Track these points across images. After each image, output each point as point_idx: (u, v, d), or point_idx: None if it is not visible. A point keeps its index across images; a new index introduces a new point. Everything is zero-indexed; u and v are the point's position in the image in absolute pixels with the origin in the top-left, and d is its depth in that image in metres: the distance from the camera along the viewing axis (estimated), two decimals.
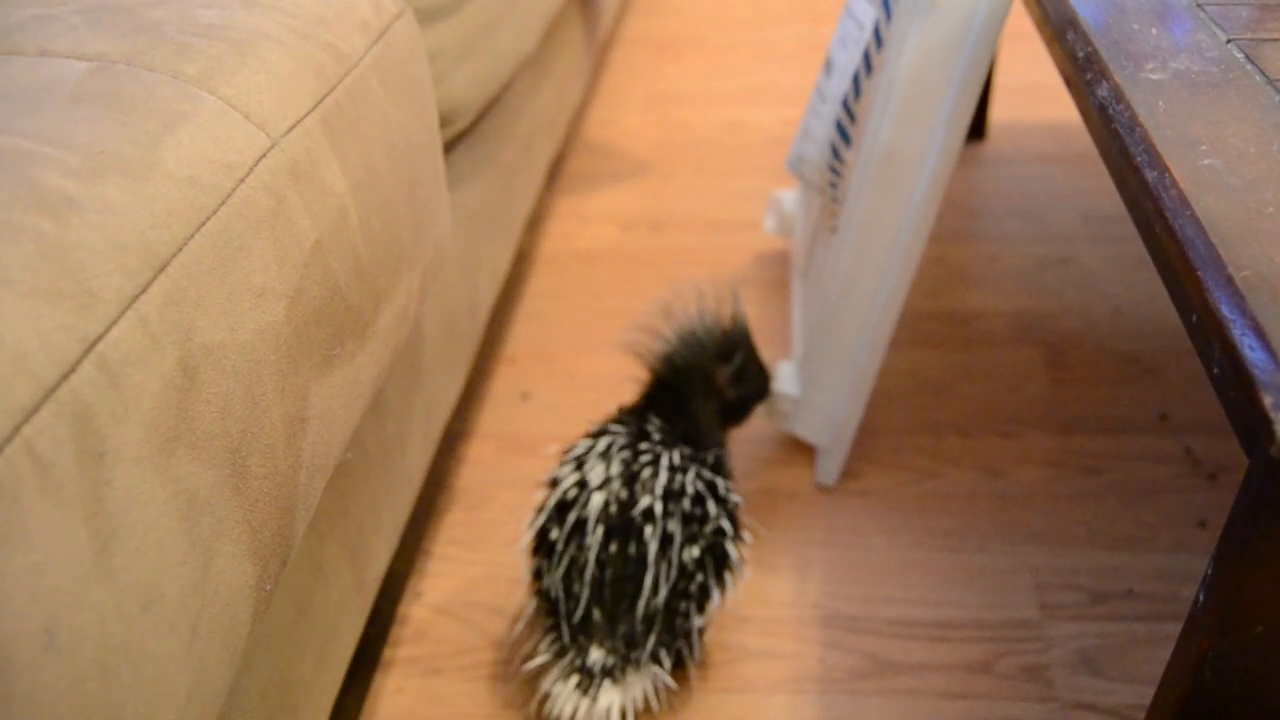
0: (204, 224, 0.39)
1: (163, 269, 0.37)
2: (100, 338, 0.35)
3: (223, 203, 0.40)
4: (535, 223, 1.26)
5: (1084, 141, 1.33)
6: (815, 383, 0.85)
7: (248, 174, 0.42)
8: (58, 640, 0.31)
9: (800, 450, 0.90)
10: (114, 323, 0.35)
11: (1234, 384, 0.45)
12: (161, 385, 0.36)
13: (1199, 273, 0.43)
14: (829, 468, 0.86)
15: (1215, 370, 0.47)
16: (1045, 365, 0.99)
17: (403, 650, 0.77)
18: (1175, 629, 0.61)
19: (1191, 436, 0.90)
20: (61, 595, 0.32)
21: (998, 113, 1.42)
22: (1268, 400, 0.39)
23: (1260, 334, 0.41)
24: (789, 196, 1.12)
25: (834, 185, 0.87)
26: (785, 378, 0.88)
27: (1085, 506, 0.84)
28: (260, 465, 0.40)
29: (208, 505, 0.37)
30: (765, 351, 1.02)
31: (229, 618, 0.38)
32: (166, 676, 0.35)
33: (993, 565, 0.80)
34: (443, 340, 0.75)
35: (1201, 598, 0.49)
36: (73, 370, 0.33)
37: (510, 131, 0.93)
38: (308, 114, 0.46)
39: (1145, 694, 0.69)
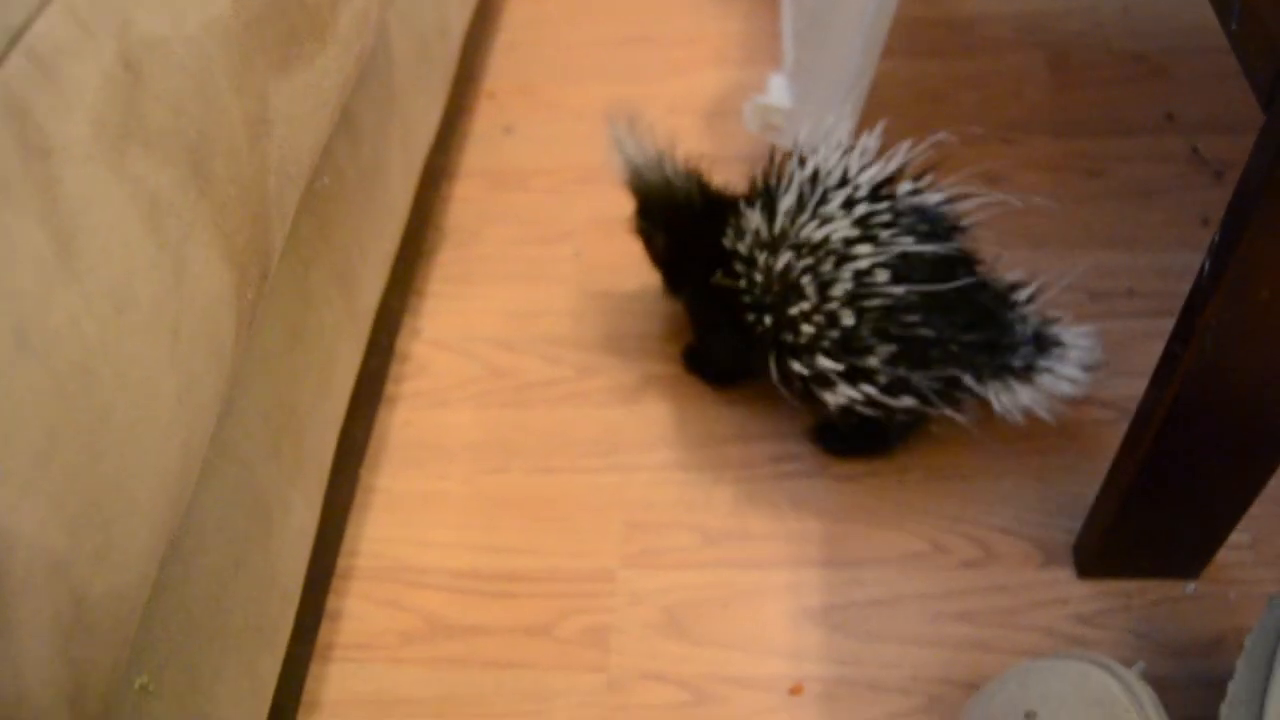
0: None
1: None
2: (25, 28, 0.32)
3: None
4: None
5: None
6: (807, 95, 0.81)
7: None
8: (30, 341, 0.30)
9: None
10: (38, 12, 0.33)
11: (1252, 37, 0.42)
12: (102, 80, 0.34)
13: None
14: None
15: (1233, 26, 0.44)
16: (1048, 69, 0.94)
17: (406, 385, 0.78)
18: None
19: (1198, 135, 0.87)
20: (27, 297, 0.30)
21: None
22: None
23: None
24: None
25: None
26: (776, 90, 0.84)
27: (1087, 208, 0.83)
28: (224, 168, 0.38)
29: (172, 207, 0.35)
30: (755, 66, 0.97)
31: (211, 324, 0.37)
32: (151, 380, 0.34)
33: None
34: (414, 62, 0.71)
35: (1207, 266, 0.48)
36: None
37: None
38: None
39: (1142, 386, 0.70)
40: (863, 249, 0.61)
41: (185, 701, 0.44)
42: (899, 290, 0.60)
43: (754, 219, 0.64)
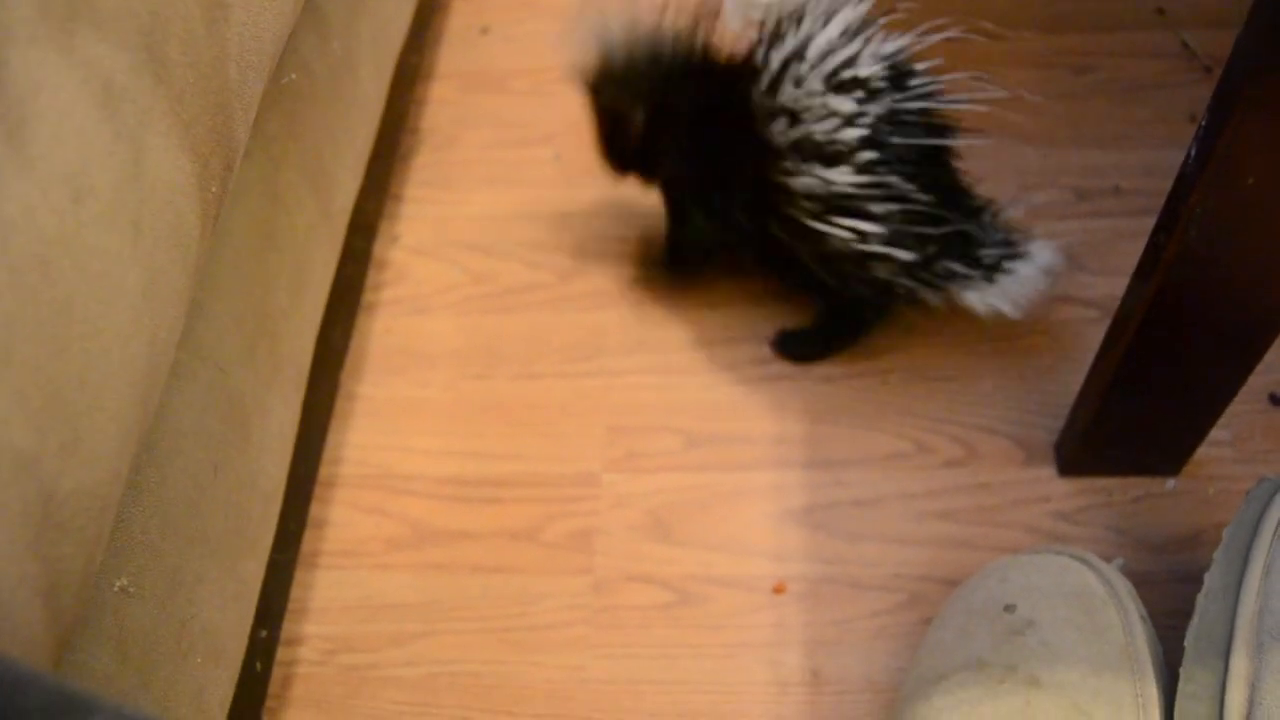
0: None
1: None
2: None
3: None
4: None
5: None
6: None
7: None
8: None
9: None
10: None
11: None
12: None
13: None
14: None
15: None
16: None
17: (385, 293, 0.76)
18: None
19: (1189, 30, 0.85)
20: None
21: None
22: None
23: None
24: None
25: None
26: None
27: (1074, 105, 0.81)
28: (180, 53, 0.36)
29: (126, 92, 0.34)
30: None
31: (174, 216, 0.36)
32: (113, 272, 0.33)
33: (975, 167, 0.78)
34: None
35: (1193, 153, 0.47)
36: None
37: None
38: None
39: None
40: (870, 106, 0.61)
41: (166, 604, 0.44)
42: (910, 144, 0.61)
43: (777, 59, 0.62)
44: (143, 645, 0.42)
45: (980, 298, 0.64)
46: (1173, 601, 0.57)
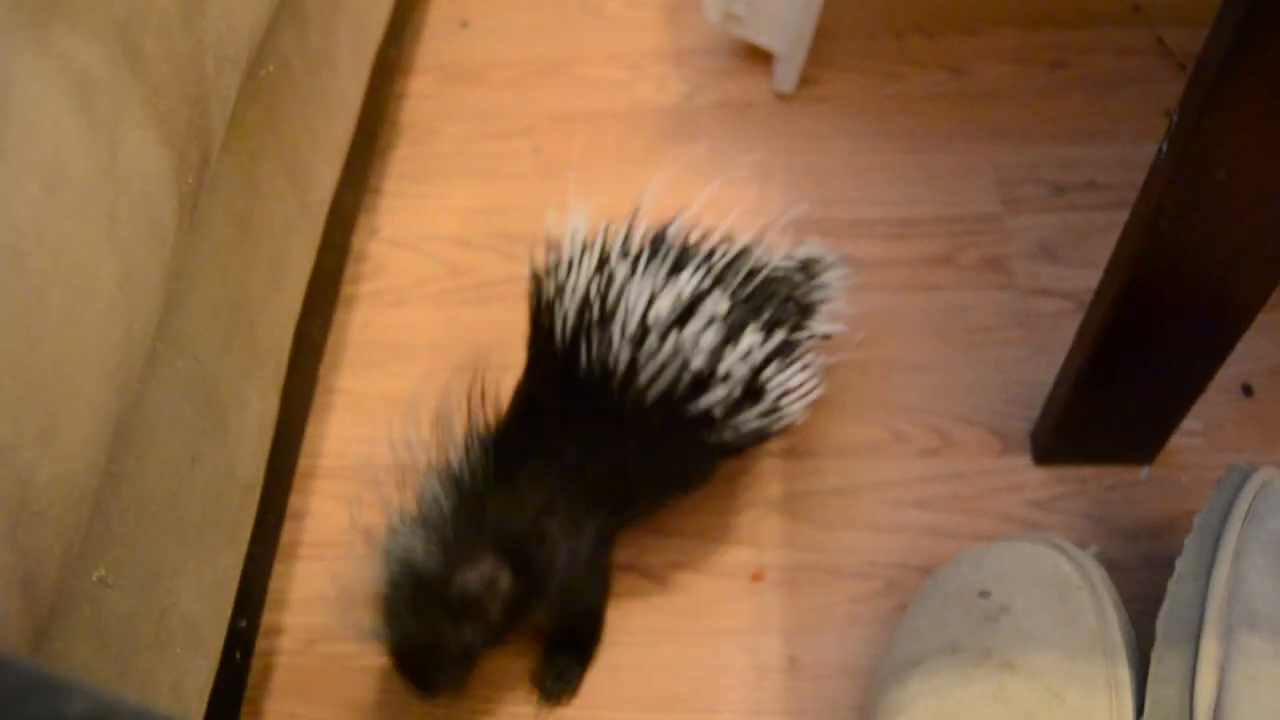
0: None
1: None
2: None
3: None
4: None
5: None
6: None
7: None
8: None
9: (757, 58, 0.86)
10: None
11: None
12: None
13: None
14: (787, 74, 0.83)
15: None
16: None
17: (364, 286, 0.77)
18: None
19: (1164, 27, 0.86)
20: None
21: None
22: None
23: None
24: None
25: None
26: None
27: (1050, 101, 0.82)
28: (156, 45, 0.36)
29: (102, 85, 0.34)
30: None
31: (150, 207, 0.36)
32: (89, 263, 0.33)
33: (954, 163, 0.79)
34: None
35: (1165, 147, 0.47)
36: None
37: None
38: None
39: None
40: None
41: (145, 594, 0.44)
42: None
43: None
44: (121, 635, 0.42)
45: (816, 328, 0.59)
46: (1146, 587, 0.58)
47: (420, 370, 0.72)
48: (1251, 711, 0.46)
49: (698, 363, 0.52)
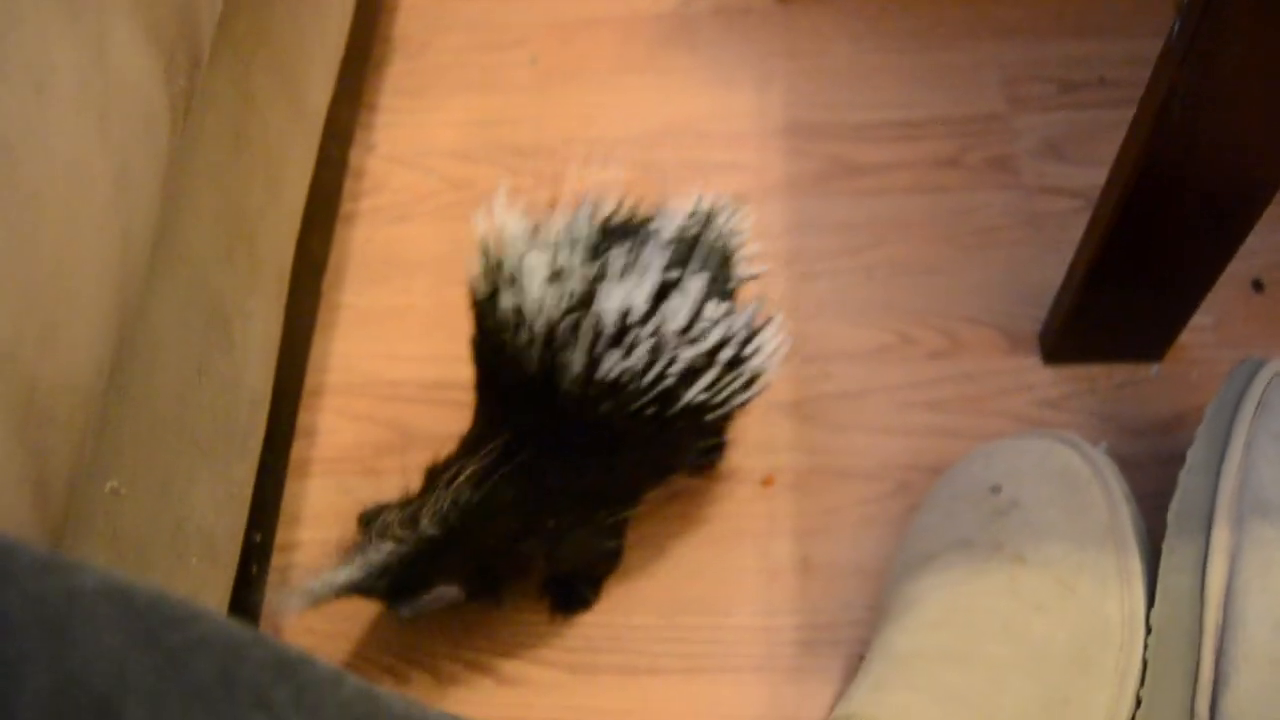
0: None
1: None
2: None
3: None
4: None
5: None
6: None
7: None
8: None
9: None
10: None
11: None
12: None
13: None
14: None
15: None
16: None
17: (364, 203, 0.76)
18: None
19: None
20: None
21: None
22: None
23: None
24: None
25: None
26: None
27: None
28: None
29: None
30: None
31: (142, 108, 0.36)
32: (82, 161, 0.33)
33: (959, 62, 0.77)
34: None
35: (1177, 26, 0.46)
36: None
37: None
38: None
39: None
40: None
41: (159, 505, 0.44)
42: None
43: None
44: (137, 545, 0.43)
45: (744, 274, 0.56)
46: (1156, 484, 0.58)
47: (423, 286, 0.71)
48: (1262, 599, 0.46)
49: (687, 355, 0.49)
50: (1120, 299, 0.59)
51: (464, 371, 0.68)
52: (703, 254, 0.52)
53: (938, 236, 0.69)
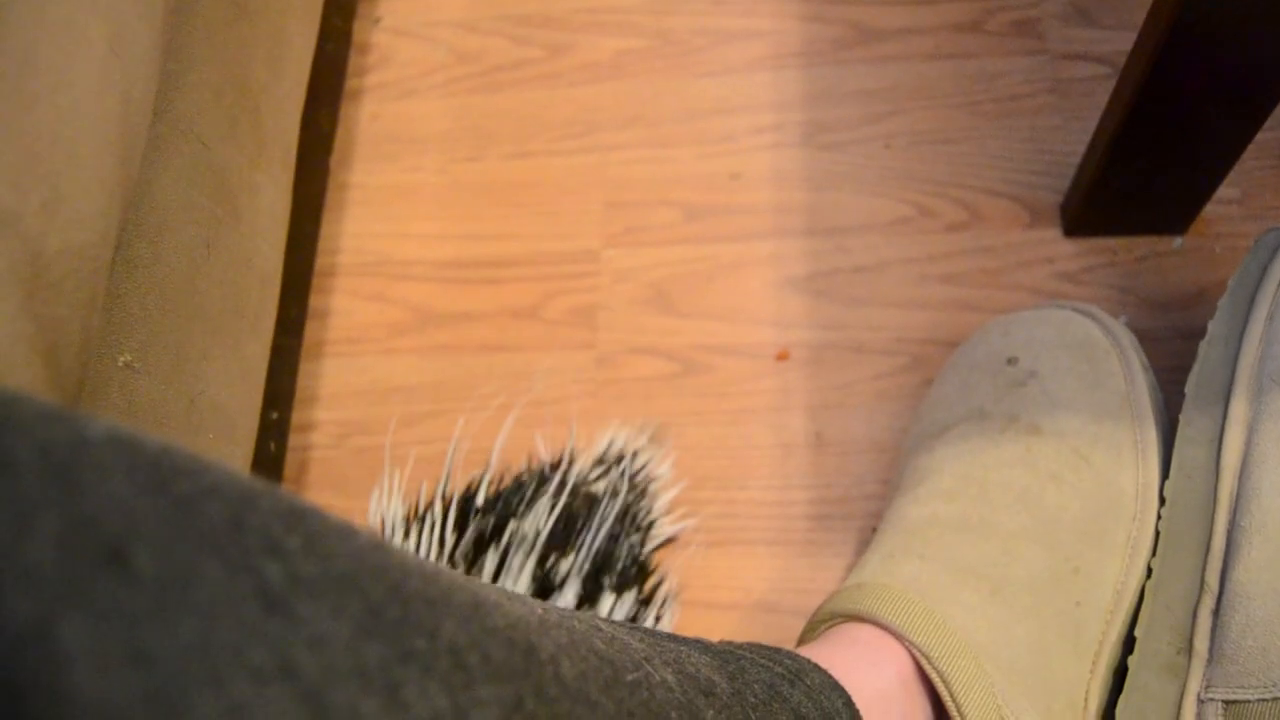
0: None
1: None
2: None
3: None
4: None
5: None
6: None
7: None
8: None
9: None
10: None
11: None
12: None
13: None
14: None
15: None
16: None
17: (370, 78, 0.74)
18: None
19: None
20: None
21: None
22: None
23: None
24: None
25: None
26: None
27: None
28: None
29: None
30: None
31: None
32: (75, 22, 0.31)
33: None
34: None
35: None
36: None
37: None
38: None
39: None
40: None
41: (172, 379, 0.44)
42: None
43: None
44: (153, 420, 0.43)
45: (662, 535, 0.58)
46: (1176, 358, 0.58)
47: (433, 162, 0.70)
48: (1277, 471, 0.46)
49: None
50: (1144, 170, 0.57)
51: (476, 249, 0.67)
52: (595, 527, 0.53)
53: (958, 105, 0.67)
